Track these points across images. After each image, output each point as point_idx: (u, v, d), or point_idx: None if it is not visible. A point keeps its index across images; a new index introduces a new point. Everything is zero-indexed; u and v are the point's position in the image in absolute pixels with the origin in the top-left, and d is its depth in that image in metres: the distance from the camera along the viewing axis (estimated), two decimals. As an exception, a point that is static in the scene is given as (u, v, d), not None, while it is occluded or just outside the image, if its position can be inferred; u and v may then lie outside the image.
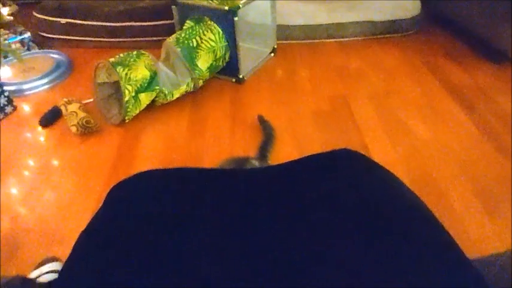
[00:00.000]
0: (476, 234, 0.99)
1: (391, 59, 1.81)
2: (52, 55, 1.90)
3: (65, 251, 1.00)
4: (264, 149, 1.27)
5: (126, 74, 1.36)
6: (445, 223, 1.03)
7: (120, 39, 1.97)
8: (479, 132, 1.33)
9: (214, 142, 1.37)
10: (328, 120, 1.44)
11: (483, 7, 1.69)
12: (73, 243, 1.02)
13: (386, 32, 1.96)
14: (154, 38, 1.93)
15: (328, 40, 1.96)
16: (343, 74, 1.71)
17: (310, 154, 0.54)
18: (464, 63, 1.73)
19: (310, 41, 1.96)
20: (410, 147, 1.29)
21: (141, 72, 1.39)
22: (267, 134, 1.34)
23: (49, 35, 2.02)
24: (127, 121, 1.44)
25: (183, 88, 1.50)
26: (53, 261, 0.94)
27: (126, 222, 0.46)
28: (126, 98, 1.36)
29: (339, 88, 1.62)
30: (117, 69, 1.35)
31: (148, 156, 1.32)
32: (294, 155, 1.29)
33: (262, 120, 1.40)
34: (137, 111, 1.44)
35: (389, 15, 1.92)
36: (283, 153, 1.29)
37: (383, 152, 1.28)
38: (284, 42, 1.94)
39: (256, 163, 1.01)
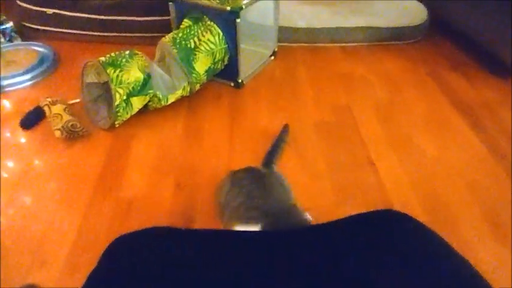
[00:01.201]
0: (488, 264, 0.94)
1: (396, 67, 1.74)
2: (36, 48, 1.77)
3: (46, 275, 0.90)
4: (270, 157, 1.19)
5: (118, 75, 1.26)
6: (458, 250, 0.98)
7: (111, 34, 1.84)
8: (488, 152, 1.28)
9: (211, 151, 1.28)
10: (331, 132, 1.37)
11: (489, 20, 1.64)
12: (55, 266, 0.92)
13: (391, 38, 1.89)
14: (148, 34, 1.81)
15: (331, 44, 1.89)
16: (347, 82, 1.64)
17: (346, 217, 0.46)
18: (471, 76, 1.68)
19: (313, 44, 1.88)
20: (417, 165, 1.23)
21: (133, 75, 1.29)
22: (278, 138, 1.27)
23: (33, 26, 1.88)
24: (117, 126, 1.34)
25: (179, 93, 1.40)
26: (32, 289, 0.84)
27: None
28: (117, 102, 1.26)
29: (343, 97, 1.55)
30: (108, 71, 1.25)
31: (139, 166, 1.22)
32: (296, 170, 1.21)
33: (284, 129, 1.32)
34: (128, 116, 1.34)
35: (395, 21, 1.85)
36: (284, 167, 1.21)
37: (390, 170, 1.21)
38: (285, 45, 1.86)
39: (266, 172, 0.93)
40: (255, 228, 0.73)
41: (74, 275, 0.90)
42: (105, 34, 1.85)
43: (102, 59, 1.29)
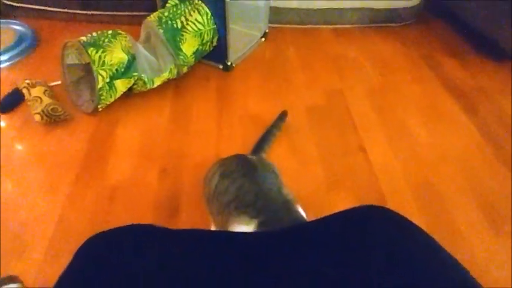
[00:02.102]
0: (481, 253, 0.93)
1: (389, 50, 1.70)
2: (14, 26, 1.68)
3: (26, 267, 0.87)
4: (261, 143, 1.15)
5: (100, 57, 1.19)
6: (448, 241, 0.97)
7: (94, 12, 1.75)
8: (482, 139, 1.26)
9: (198, 137, 1.24)
10: (323, 117, 1.33)
11: (487, 3, 1.60)
12: (36, 256, 0.89)
13: (385, 20, 1.84)
14: (133, 13, 1.73)
15: (323, 26, 1.83)
16: (339, 65, 1.60)
17: (327, 215, 0.44)
18: (465, 60, 1.65)
19: (305, 26, 1.82)
20: (410, 152, 1.21)
21: (117, 56, 1.22)
22: (272, 124, 1.23)
23: (11, 3, 1.77)
24: (100, 109, 1.28)
25: (165, 75, 1.34)
26: (12, 282, 0.81)
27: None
28: (100, 85, 1.20)
29: (335, 81, 1.51)
30: (89, 51, 1.18)
31: (124, 151, 1.18)
32: (287, 156, 1.18)
33: (281, 116, 1.28)
34: (112, 99, 1.28)
35: (389, 3, 1.80)
36: (275, 152, 1.18)
37: (382, 157, 1.19)
38: (276, 26, 1.79)
39: (255, 160, 0.89)
40: (249, 227, 0.70)
41: (54, 265, 0.87)
42: (88, 12, 1.76)
43: (83, 38, 1.22)
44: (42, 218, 0.98)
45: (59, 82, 1.39)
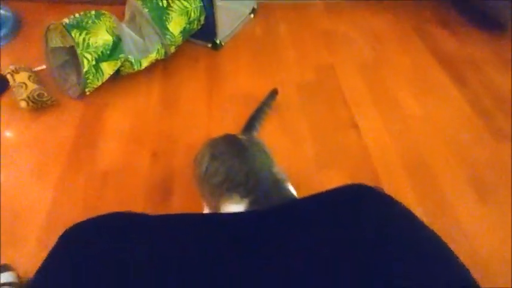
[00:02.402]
0: (469, 222, 0.94)
1: (381, 24, 1.67)
2: (-6, 10, 1.62)
3: (18, 255, 0.87)
4: (252, 122, 1.14)
5: (84, 39, 1.16)
6: (438, 211, 0.98)
7: (76, -8, 1.69)
8: (472, 111, 1.26)
9: (189, 118, 1.22)
10: (314, 93, 1.32)
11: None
12: (28, 244, 0.89)
13: (376, -7, 1.80)
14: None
15: (313, 1, 1.78)
16: (330, 40, 1.57)
17: (315, 193, 0.44)
18: (457, 31, 1.63)
19: (294, 1, 1.77)
20: (401, 125, 1.21)
21: (101, 37, 1.19)
22: (263, 102, 1.21)
23: (-11, -15, 1.71)
24: (88, 93, 1.26)
25: (153, 56, 1.31)
26: (6, 270, 0.81)
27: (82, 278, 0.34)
28: (85, 68, 1.17)
29: (325, 56, 1.49)
30: (73, 34, 1.15)
31: (114, 135, 1.16)
32: (278, 133, 1.17)
33: (271, 94, 1.26)
34: (99, 83, 1.26)
35: (380, -27, 1.75)
36: (266, 130, 1.17)
37: (373, 131, 1.19)
38: (265, 1, 1.75)
39: (245, 140, 0.89)
40: (240, 207, 0.70)
41: (47, 253, 0.87)
42: (70, -7, 1.70)
43: (66, 20, 1.18)
44: (33, 206, 0.98)
45: (44, 67, 1.35)
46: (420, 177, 1.05)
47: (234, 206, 0.70)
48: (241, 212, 0.46)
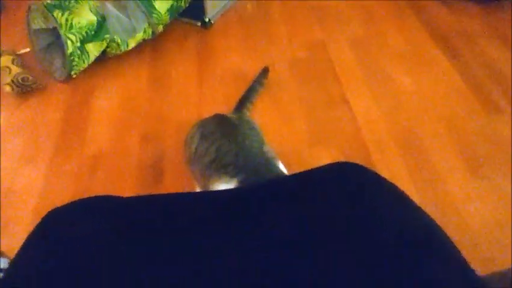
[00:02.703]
0: (459, 193, 0.95)
1: (373, -3, 1.63)
2: (-27, -9, 1.56)
3: (10, 240, 0.87)
4: (243, 101, 1.12)
5: (67, 20, 1.12)
6: (429, 183, 0.98)
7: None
8: (464, 84, 1.24)
9: (179, 99, 1.21)
10: (305, 70, 1.30)
11: None
12: (18, 230, 0.88)
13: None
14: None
15: (304, -25, 1.73)
16: (322, 16, 1.53)
17: (300, 172, 0.43)
18: (453, 6, 1.59)
19: (284, -25, 1.72)
20: (393, 101, 1.20)
21: (85, 17, 1.15)
22: (254, 81, 1.19)
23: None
24: (74, 76, 1.23)
25: (140, 36, 1.28)
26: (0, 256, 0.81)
27: (62, 259, 0.34)
28: (70, 50, 1.14)
29: (317, 32, 1.46)
30: (55, 14, 1.11)
31: (103, 119, 1.15)
32: (269, 111, 1.16)
33: (263, 71, 1.24)
34: (85, 65, 1.23)
35: None
36: (258, 108, 1.16)
37: (365, 107, 1.18)
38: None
39: (235, 119, 0.88)
40: (229, 185, 0.70)
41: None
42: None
43: (47, 0, 1.14)
44: (24, 191, 0.97)
45: (28, 50, 1.32)
46: (411, 152, 1.05)
47: (224, 185, 0.70)
48: (229, 189, 0.45)
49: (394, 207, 0.38)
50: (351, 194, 0.39)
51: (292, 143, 1.07)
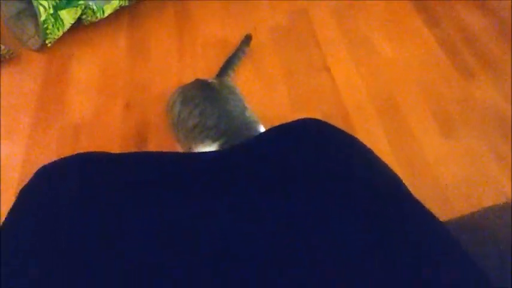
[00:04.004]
0: (433, 153, 1.00)
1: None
2: None
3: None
4: (225, 68, 1.12)
5: (37, -16, 1.07)
6: (404, 145, 1.03)
7: None
8: (442, 51, 1.27)
9: (160, 67, 1.19)
10: (287, 38, 1.30)
11: None
12: (5, 203, 0.88)
13: None
14: None
15: None
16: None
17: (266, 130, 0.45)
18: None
19: None
20: (373, 68, 1.22)
21: (57, -18, 1.10)
22: (236, 49, 1.18)
23: None
24: (49, 45, 1.19)
25: (116, 2, 1.23)
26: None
27: (55, 214, 0.35)
28: (43, 18, 1.09)
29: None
30: (24, -22, 1.06)
31: (82, 88, 1.13)
32: (251, 78, 1.17)
33: (245, 39, 1.22)
34: (60, 33, 1.18)
35: None
36: (240, 75, 1.16)
37: (346, 73, 1.20)
38: None
39: (216, 84, 0.88)
40: (212, 148, 0.71)
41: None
42: None
43: (15, -37, 1.09)
44: (5, 163, 0.96)
45: (-2, 18, 1.25)
46: (389, 115, 1.09)
47: (207, 149, 0.72)
48: (209, 151, 0.47)
49: (359, 159, 0.40)
50: (319, 147, 0.40)
51: (275, 109, 1.09)
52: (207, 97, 0.79)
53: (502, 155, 0.98)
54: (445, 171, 0.96)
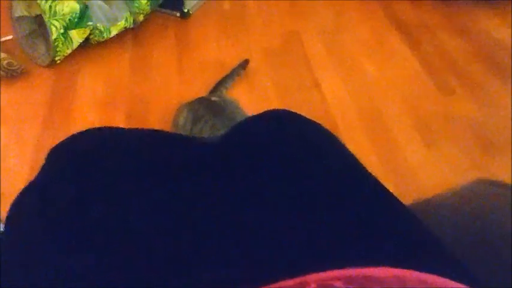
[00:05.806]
0: (415, 162, 1.07)
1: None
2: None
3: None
4: (218, 85, 1.20)
5: (50, 6, 1.17)
6: (389, 154, 1.10)
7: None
8: (423, 70, 1.37)
9: (161, 84, 1.27)
10: (280, 58, 1.39)
11: None
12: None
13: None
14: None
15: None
16: (296, 8, 1.63)
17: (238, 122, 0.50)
18: (415, 0, 1.72)
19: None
20: (360, 85, 1.31)
21: (68, 5, 1.20)
22: (233, 70, 1.26)
23: None
24: (58, 62, 1.28)
25: (121, 24, 1.33)
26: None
27: (73, 185, 0.39)
28: (54, 36, 1.19)
29: (290, 23, 1.55)
30: (39, 1, 1.15)
31: (88, 101, 1.20)
32: (246, 97, 1.25)
33: (243, 63, 1.31)
34: (69, 51, 1.27)
35: None
36: (234, 92, 1.24)
37: (334, 90, 1.28)
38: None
39: (220, 102, 0.96)
40: None
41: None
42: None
43: (30, -12, 1.19)
44: (14, 169, 1.02)
45: (11, 37, 1.35)
46: (374, 127, 1.17)
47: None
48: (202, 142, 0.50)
49: (329, 145, 0.43)
50: (291, 135, 0.44)
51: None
52: (215, 113, 0.87)
53: (478, 164, 1.05)
54: (427, 177, 1.03)
